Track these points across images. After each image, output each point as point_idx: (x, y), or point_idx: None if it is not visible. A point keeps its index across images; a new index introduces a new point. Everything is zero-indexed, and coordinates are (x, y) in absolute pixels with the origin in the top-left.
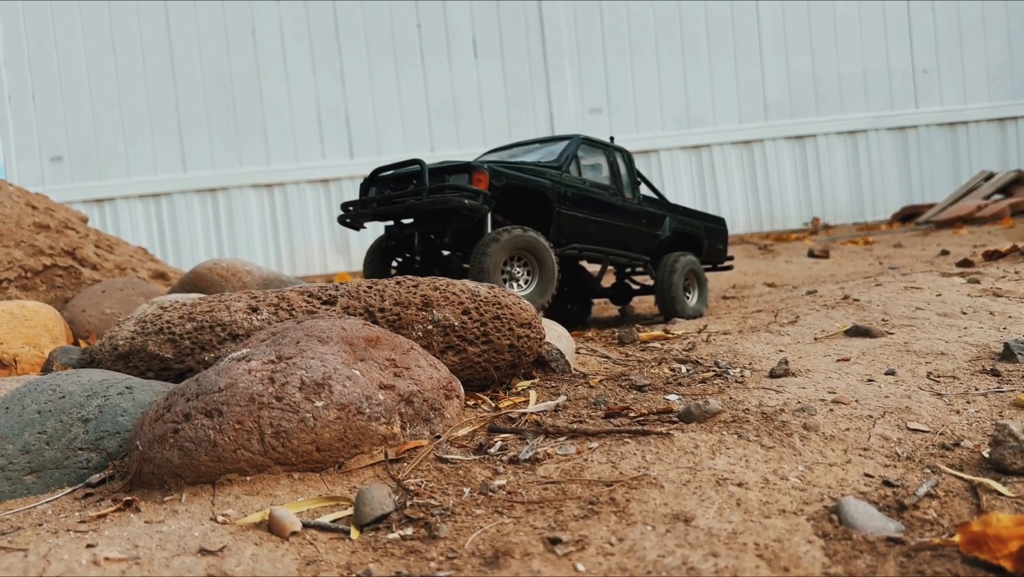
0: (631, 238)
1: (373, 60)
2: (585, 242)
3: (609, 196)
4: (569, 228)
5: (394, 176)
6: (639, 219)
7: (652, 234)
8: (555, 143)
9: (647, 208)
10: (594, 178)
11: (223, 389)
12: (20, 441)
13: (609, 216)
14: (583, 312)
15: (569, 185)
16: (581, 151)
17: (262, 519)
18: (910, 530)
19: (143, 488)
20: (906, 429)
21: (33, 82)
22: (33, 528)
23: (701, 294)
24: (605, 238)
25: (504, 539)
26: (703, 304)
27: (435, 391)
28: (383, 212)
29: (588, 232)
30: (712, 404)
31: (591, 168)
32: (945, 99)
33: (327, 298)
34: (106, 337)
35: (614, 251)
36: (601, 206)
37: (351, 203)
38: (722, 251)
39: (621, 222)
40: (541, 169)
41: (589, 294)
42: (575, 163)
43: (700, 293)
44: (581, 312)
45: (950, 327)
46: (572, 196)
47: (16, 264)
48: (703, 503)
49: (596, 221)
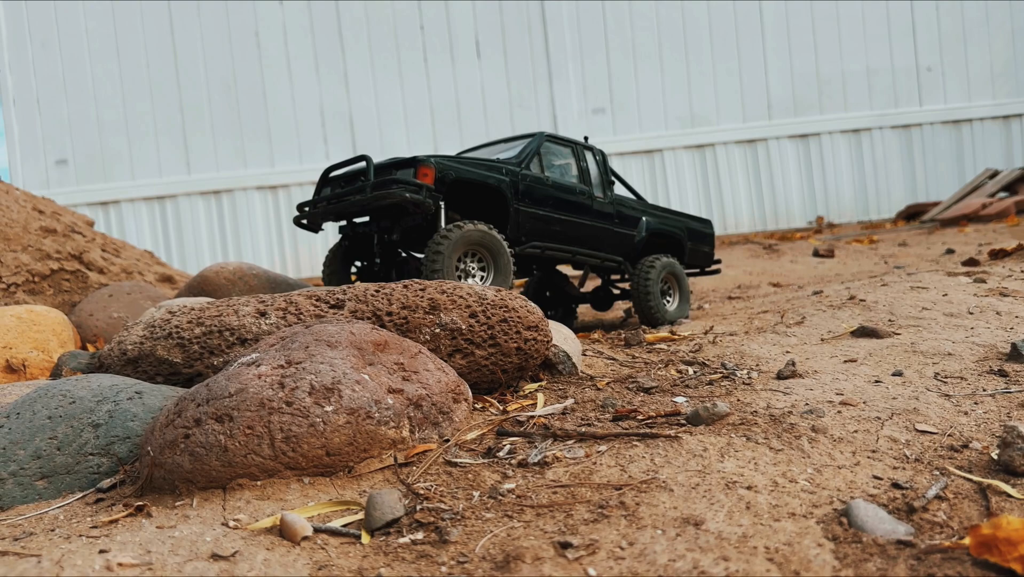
0: (602, 238)
1: (376, 61)
2: (548, 241)
3: (576, 195)
4: (530, 226)
5: (346, 175)
6: (610, 219)
7: (626, 234)
8: (520, 141)
9: (620, 208)
10: (561, 176)
11: (233, 394)
12: (31, 446)
13: (576, 215)
14: (567, 317)
15: (529, 182)
16: (545, 149)
17: (273, 524)
18: (920, 533)
19: (154, 493)
20: (914, 431)
21: (37, 85)
22: (46, 533)
23: (682, 299)
24: (572, 237)
25: (514, 543)
26: (684, 309)
27: (443, 395)
28: (333, 212)
29: (552, 231)
30: (720, 406)
31: (557, 166)
32: (949, 97)
33: (335, 302)
34: (115, 342)
35: (582, 251)
36: (566, 204)
37: (304, 204)
38: (708, 254)
39: (590, 221)
40: (498, 165)
41: (570, 300)
42: (537, 160)
43: (681, 298)
44: (565, 317)
45: (957, 327)
46: (532, 193)
47: (23, 268)
48: (713, 506)
49: (561, 220)
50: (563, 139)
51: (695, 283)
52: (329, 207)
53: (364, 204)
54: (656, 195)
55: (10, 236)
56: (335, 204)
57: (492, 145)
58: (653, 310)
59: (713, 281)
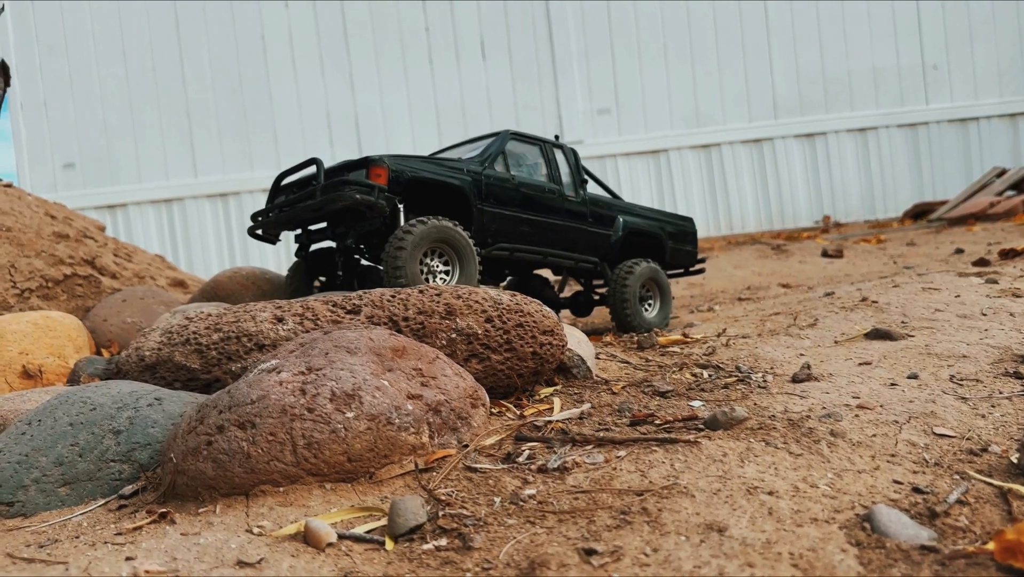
0: (575, 239)
1: (382, 63)
2: (516, 242)
3: (544, 193)
4: (495, 227)
5: (299, 181)
6: (583, 218)
7: (601, 234)
8: (486, 140)
9: (594, 207)
10: (529, 175)
11: (255, 401)
12: (53, 453)
13: (545, 215)
14: None
15: (493, 181)
16: (512, 147)
17: (298, 530)
18: (943, 538)
19: (177, 500)
20: (932, 434)
21: (45, 90)
22: (71, 540)
23: (663, 304)
24: (542, 238)
25: (538, 549)
26: (664, 316)
27: (461, 400)
28: (286, 219)
29: (520, 232)
30: (738, 411)
31: (525, 165)
32: (956, 95)
33: (351, 307)
34: (132, 348)
35: (554, 252)
36: (535, 204)
37: (257, 213)
38: (691, 253)
39: (561, 221)
40: (459, 165)
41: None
42: (502, 159)
43: (662, 303)
44: None
45: (970, 329)
46: (497, 193)
47: (37, 274)
48: (735, 512)
49: (529, 220)
50: (530, 137)
51: (702, 284)
52: (281, 215)
53: (315, 209)
54: (662, 195)
55: (24, 242)
56: (286, 211)
57: (459, 146)
58: (630, 318)
59: (722, 282)
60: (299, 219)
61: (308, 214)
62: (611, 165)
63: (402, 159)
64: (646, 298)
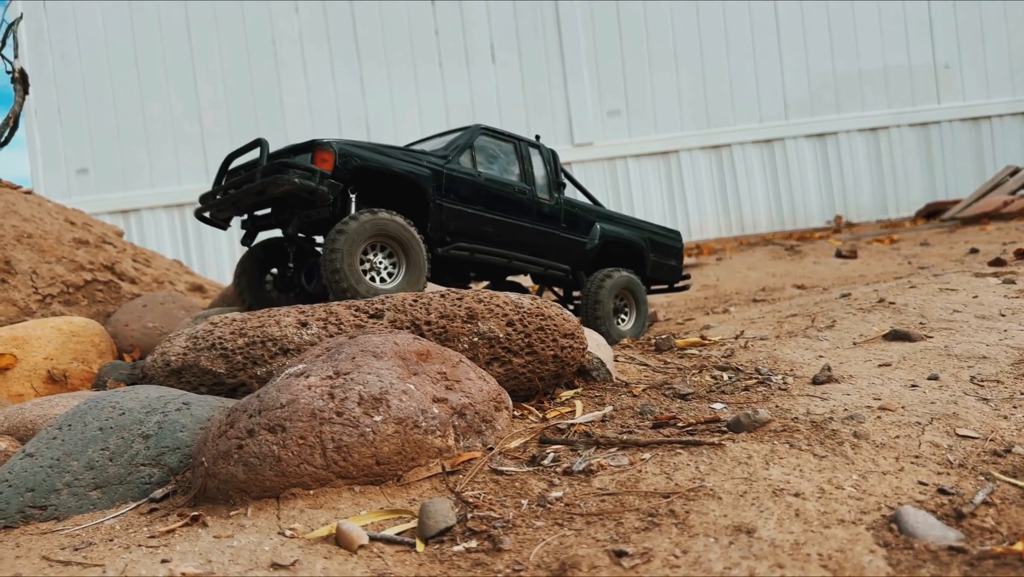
0: (545, 243)
1: (392, 66)
2: (477, 242)
3: (514, 194)
4: (455, 224)
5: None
6: (556, 223)
7: (575, 241)
8: (456, 133)
9: (570, 212)
10: (500, 173)
11: (285, 405)
12: (84, 457)
13: (513, 216)
14: None
15: (456, 176)
16: (482, 143)
17: (329, 533)
18: (970, 539)
19: (207, 503)
20: (955, 436)
21: (58, 96)
22: (105, 543)
23: (639, 317)
24: (507, 240)
25: (568, 551)
26: (640, 328)
27: (485, 403)
28: (231, 203)
29: (482, 231)
30: (761, 413)
31: (495, 162)
32: (968, 94)
33: (374, 312)
34: (158, 353)
35: (520, 256)
36: (502, 204)
37: (205, 195)
38: (674, 268)
39: (530, 224)
40: (419, 157)
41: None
42: (469, 154)
43: (638, 315)
44: None
45: (989, 330)
46: (459, 189)
47: (58, 280)
48: (762, 514)
49: (494, 220)
50: (503, 133)
51: (716, 286)
52: (225, 198)
53: (256, 193)
54: (673, 197)
55: (45, 248)
56: (231, 195)
57: (432, 139)
58: (602, 328)
59: (736, 283)
60: (243, 204)
61: (251, 198)
62: (621, 167)
63: (353, 145)
64: (621, 309)
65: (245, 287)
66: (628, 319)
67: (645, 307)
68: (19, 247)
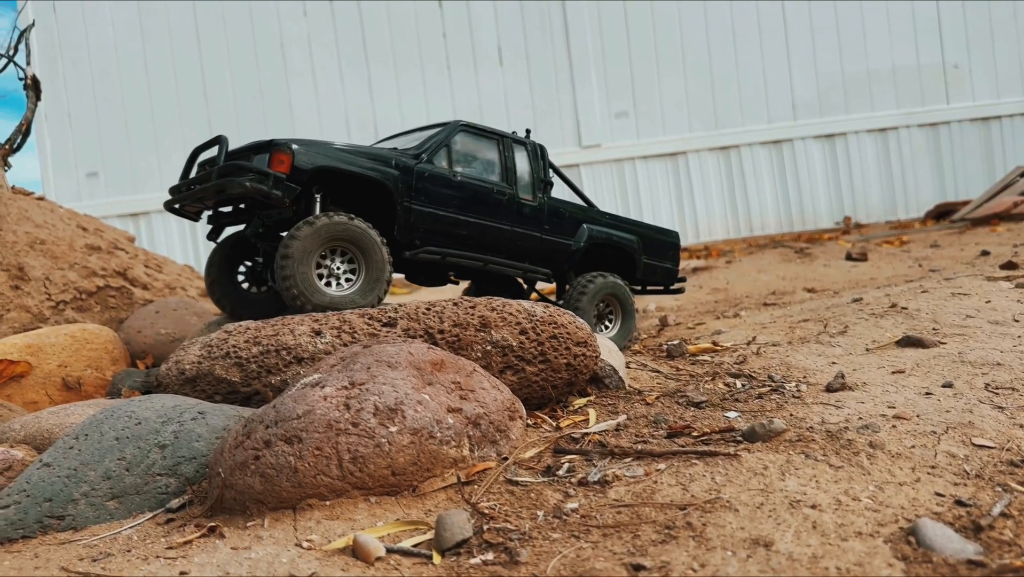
0: (524, 246)
1: (400, 69)
2: (450, 246)
3: (493, 195)
4: (426, 227)
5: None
6: (538, 224)
7: (558, 243)
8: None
9: (554, 213)
10: (480, 173)
11: (301, 416)
12: (101, 467)
13: (490, 218)
14: None
15: (428, 176)
16: (462, 141)
17: (347, 544)
18: (988, 552)
19: (224, 513)
20: (971, 445)
21: (68, 101)
22: (123, 554)
23: (624, 324)
24: (482, 244)
25: (585, 564)
26: (625, 334)
27: (500, 412)
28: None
29: (455, 235)
30: (776, 423)
31: (477, 161)
32: (977, 94)
33: (387, 320)
34: (172, 361)
35: (497, 260)
36: (478, 205)
37: (174, 187)
38: (669, 270)
39: (508, 226)
40: (388, 157)
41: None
42: (445, 152)
43: (623, 323)
44: None
45: (1003, 336)
46: (431, 190)
47: (71, 286)
48: (779, 527)
49: (468, 222)
50: (487, 131)
51: (726, 289)
52: (188, 193)
53: (214, 191)
54: (681, 198)
55: (57, 254)
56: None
57: (409, 133)
58: None
59: (746, 286)
60: (206, 200)
61: (212, 195)
62: (629, 168)
63: (314, 145)
64: (606, 315)
65: (220, 295)
66: (613, 325)
67: (632, 313)
68: (32, 254)
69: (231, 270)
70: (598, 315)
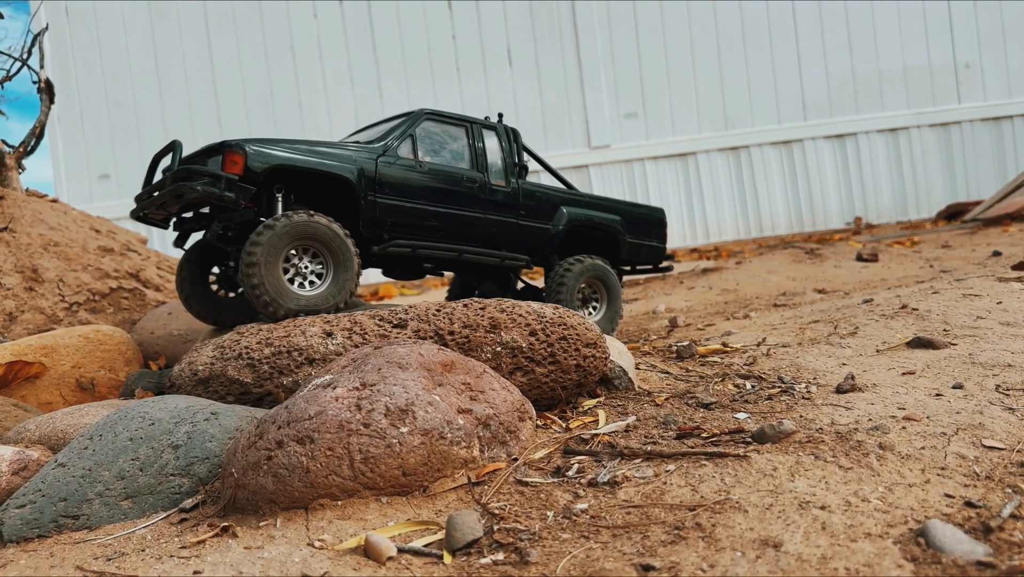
0: (500, 233)
1: (409, 71)
2: (420, 238)
3: (462, 183)
4: (393, 219)
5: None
6: (513, 210)
7: (535, 228)
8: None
9: (529, 197)
10: (447, 160)
11: (313, 416)
12: (115, 468)
13: (461, 207)
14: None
15: (391, 168)
16: (427, 129)
17: (358, 544)
18: (998, 553)
19: (237, 513)
20: (981, 446)
21: (81, 104)
22: (137, 553)
23: (609, 307)
24: (455, 233)
25: (595, 565)
26: (611, 319)
27: (509, 413)
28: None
29: (425, 226)
30: (786, 424)
31: (441, 149)
32: (989, 93)
33: (397, 322)
34: (185, 362)
35: (471, 249)
36: (447, 194)
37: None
38: (655, 249)
39: (482, 214)
40: (346, 151)
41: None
42: (410, 143)
43: (608, 306)
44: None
45: (1015, 337)
46: (395, 182)
47: (84, 287)
48: (789, 527)
49: (438, 212)
50: (453, 117)
51: (736, 290)
52: (151, 200)
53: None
54: (691, 198)
55: (71, 256)
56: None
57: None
58: None
59: (756, 287)
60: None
61: (172, 202)
62: (639, 169)
63: (268, 144)
64: (591, 299)
65: (198, 309)
66: (597, 311)
67: (618, 296)
68: (46, 255)
69: (203, 281)
70: (583, 299)
